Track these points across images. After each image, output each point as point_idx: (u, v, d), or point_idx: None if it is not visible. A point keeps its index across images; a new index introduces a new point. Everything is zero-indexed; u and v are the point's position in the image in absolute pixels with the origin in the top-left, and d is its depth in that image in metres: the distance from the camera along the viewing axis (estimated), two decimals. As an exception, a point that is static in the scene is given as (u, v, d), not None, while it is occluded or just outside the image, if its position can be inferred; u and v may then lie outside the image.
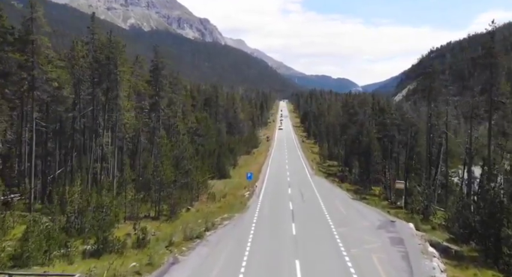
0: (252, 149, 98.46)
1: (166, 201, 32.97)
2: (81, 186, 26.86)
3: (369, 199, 47.60)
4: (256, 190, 43.45)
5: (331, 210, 33.42)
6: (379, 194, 51.46)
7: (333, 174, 72.28)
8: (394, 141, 53.37)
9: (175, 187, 33.74)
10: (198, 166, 41.18)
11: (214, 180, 55.10)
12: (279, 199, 38.88)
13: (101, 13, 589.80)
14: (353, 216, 32.20)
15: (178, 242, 24.93)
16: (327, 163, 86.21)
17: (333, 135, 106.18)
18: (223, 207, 37.53)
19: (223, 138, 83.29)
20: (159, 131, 42.84)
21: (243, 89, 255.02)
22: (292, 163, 71.97)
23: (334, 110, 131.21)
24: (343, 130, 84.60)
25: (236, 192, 44.91)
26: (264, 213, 32.25)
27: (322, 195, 41.89)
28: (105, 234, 22.58)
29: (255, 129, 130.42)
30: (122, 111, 33.48)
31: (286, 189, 44.92)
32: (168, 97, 44.87)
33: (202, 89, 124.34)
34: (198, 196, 40.66)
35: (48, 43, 30.37)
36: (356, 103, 74.42)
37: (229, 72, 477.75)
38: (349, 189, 55.13)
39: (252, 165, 73.33)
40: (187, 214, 34.62)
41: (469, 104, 38.29)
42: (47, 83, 29.80)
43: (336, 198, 41.39)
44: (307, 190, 44.68)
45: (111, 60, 32.49)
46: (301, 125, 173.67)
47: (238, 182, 52.24)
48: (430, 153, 46.34)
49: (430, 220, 38.07)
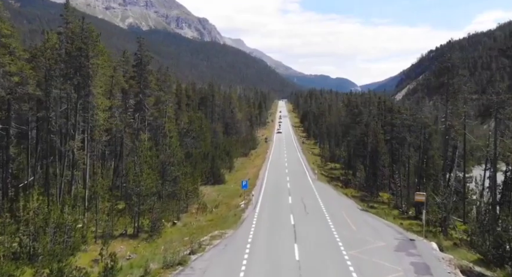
0: (250, 151, 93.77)
1: (147, 215, 28.37)
2: (41, 200, 22.20)
3: (377, 208, 43.07)
4: (253, 199, 38.77)
5: (339, 225, 28.85)
6: (388, 202, 46.87)
7: (336, 178, 67.67)
8: (404, 144, 48.79)
9: (158, 199, 29.16)
10: (187, 172, 36.55)
11: (207, 186, 50.48)
12: (278, 210, 34.26)
13: (99, 12, 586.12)
14: (365, 232, 27.61)
15: (156, 271, 20.36)
16: (329, 165, 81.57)
17: (335, 136, 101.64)
18: (215, 220, 32.93)
19: (219, 139, 78.66)
20: (144, 133, 38.20)
21: (241, 88, 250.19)
22: (292, 167, 67.34)
23: (335, 110, 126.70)
24: (346, 130, 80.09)
25: (230, 202, 40.30)
26: (260, 230, 27.65)
27: (327, 204, 37.31)
28: (61, 264, 17.97)
29: (253, 130, 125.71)
30: (95, 110, 28.79)
31: (286, 197, 40.32)
32: (155, 95, 40.10)
33: (199, 88, 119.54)
34: (187, 207, 36.04)
35: (6, 30, 25.71)
36: (360, 102, 69.69)
37: (228, 71, 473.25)
38: (354, 195, 50.56)
39: (249, 169, 68.69)
40: (172, 230, 30.02)
41: (493, 102, 33.67)
42: (5, 77, 25.15)
43: (343, 209, 36.79)
44: (310, 198, 40.07)
45: (82, 52, 27.86)
46: (300, 125, 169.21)
47: (234, 189, 47.63)
48: (446, 156, 41.84)
49: (450, 235, 33.60)
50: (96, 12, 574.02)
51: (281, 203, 37.58)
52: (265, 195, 41.59)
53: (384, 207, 44.76)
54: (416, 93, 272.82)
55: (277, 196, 41.45)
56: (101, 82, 30.13)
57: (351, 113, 70.63)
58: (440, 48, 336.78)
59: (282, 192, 43.89)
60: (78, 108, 28.46)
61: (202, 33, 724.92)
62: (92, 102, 28.54)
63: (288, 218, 30.90)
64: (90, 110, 28.80)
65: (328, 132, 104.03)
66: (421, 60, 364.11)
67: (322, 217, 31.64)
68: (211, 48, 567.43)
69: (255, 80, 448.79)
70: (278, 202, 38.28)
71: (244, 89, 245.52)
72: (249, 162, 79.52)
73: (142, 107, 37.36)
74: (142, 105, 37.22)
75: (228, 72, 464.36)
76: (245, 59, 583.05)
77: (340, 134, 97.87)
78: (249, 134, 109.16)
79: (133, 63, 37.89)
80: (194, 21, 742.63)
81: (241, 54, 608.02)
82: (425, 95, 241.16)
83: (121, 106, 39.98)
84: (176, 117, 67.90)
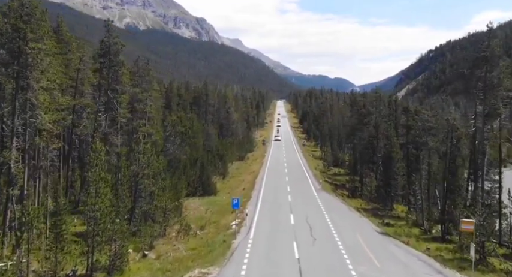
0: (246, 154, 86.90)
1: (105, 248, 21.52)
2: None
3: (395, 226, 36.37)
4: (247, 219, 31.78)
5: (356, 259, 22.06)
6: (406, 217, 40.06)
7: (341, 186, 60.88)
8: (422, 149, 42.00)
9: (128, 222, 22.40)
10: (166, 186, 29.69)
11: (195, 198, 43.69)
12: (278, 236, 27.31)
13: (96, 12, 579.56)
14: (393, 272, 20.82)
15: None
16: (332, 170, 74.75)
17: (338, 138, 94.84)
18: (199, 248, 26.07)
19: (212, 141, 71.70)
20: (117, 139, 31.31)
21: (239, 88, 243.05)
22: (292, 173, 60.48)
23: (337, 110, 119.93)
24: (351, 132, 73.24)
25: (220, 220, 33.42)
26: (254, 268, 20.78)
27: (337, 225, 30.47)
28: None
29: (251, 131, 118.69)
30: (36, 109, 21.86)
31: (288, 215, 33.46)
32: (130, 93, 33.13)
33: (193, 87, 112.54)
34: (166, 229, 29.15)
35: None
36: (367, 101, 62.85)
37: (226, 71, 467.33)
38: (365, 208, 43.81)
39: (245, 175, 61.83)
40: (140, 265, 23.12)
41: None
42: None
43: (357, 230, 29.96)
44: (316, 217, 33.23)
45: (20, 33, 21.05)
46: (299, 126, 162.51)
47: (226, 202, 40.82)
48: (476, 165, 35.19)
49: (491, 264, 26.81)
50: (93, 12, 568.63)
51: (281, 224, 30.70)
52: (262, 212, 34.70)
53: (401, 224, 38.04)
54: (416, 93, 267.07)
55: (276, 213, 34.59)
56: (50, 74, 23.26)
57: (357, 113, 63.68)
58: (440, 48, 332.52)
59: (281, 207, 37.03)
60: (16, 107, 21.63)
61: (200, 33, 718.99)
62: (31, 99, 21.66)
63: (291, 248, 24.03)
64: (30, 110, 21.90)
65: (330, 133, 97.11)
66: (420, 59, 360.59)
67: (335, 247, 24.80)
68: (209, 48, 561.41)
69: (253, 80, 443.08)
70: (277, 222, 31.40)
71: (242, 89, 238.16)
72: (245, 167, 72.69)
73: (111, 107, 30.49)
74: (111, 104, 30.35)
75: (226, 72, 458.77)
76: (243, 59, 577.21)
77: (343, 136, 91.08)
78: (246, 135, 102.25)
79: (99, 52, 30.91)
80: (192, 21, 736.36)
81: (239, 54, 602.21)
82: (425, 95, 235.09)
83: (89, 105, 33.18)
84: (164, 118, 61.09)
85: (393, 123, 55.16)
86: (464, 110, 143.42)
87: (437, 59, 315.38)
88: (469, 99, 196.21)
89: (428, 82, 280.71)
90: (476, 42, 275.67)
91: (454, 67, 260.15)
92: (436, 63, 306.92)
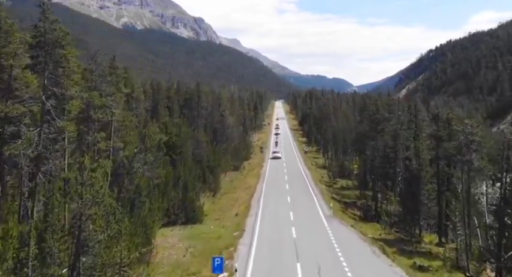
0: (242, 162, 78.24)
1: None
2: None
3: (431, 271, 27.88)
4: (237, 275, 22.96)
5: None
6: (444, 255, 31.33)
7: (352, 204, 52.35)
8: (457, 166, 33.51)
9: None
10: (121, 231, 20.94)
11: (175, 227, 35.00)
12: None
13: (93, 12, 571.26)
14: None
15: None
16: (339, 183, 66.20)
17: (343, 144, 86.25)
18: None
19: (203, 149, 62.74)
20: (55, 162, 22.56)
21: (237, 89, 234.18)
22: (295, 191, 51.64)
23: (341, 113, 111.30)
24: (360, 139, 64.77)
25: (202, 270, 24.62)
26: None
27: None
28: None
29: (247, 135, 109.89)
30: None
31: (294, 265, 24.49)
32: (79, 98, 24.21)
33: (185, 88, 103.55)
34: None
35: None
36: (381, 105, 54.23)
37: (224, 71, 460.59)
38: (386, 239, 35.29)
39: (239, 191, 53.13)
40: None
41: None
42: None
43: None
44: (330, 267, 24.51)
45: None
46: (299, 128, 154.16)
47: (214, 235, 32.18)
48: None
49: None
50: (90, 12, 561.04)
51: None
52: (258, 261, 25.80)
53: (437, 266, 29.41)
54: (416, 93, 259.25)
55: (278, 261, 25.66)
56: None
57: (369, 119, 55.06)
58: (440, 48, 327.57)
59: (284, 249, 28.05)
60: None
61: (198, 33, 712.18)
62: None
63: None
64: None
65: (334, 140, 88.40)
66: (420, 59, 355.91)
67: None
68: (207, 47, 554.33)
69: (251, 80, 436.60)
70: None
71: (239, 90, 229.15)
72: (241, 179, 64.04)
73: (48, 118, 21.71)
74: (47, 113, 21.51)
75: (224, 72, 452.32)
76: (241, 59, 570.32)
77: (348, 141, 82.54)
78: (242, 140, 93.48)
79: (31, 42, 21.95)
80: (190, 21, 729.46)
81: (237, 54, 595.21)
82: (426, 95, 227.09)
83: (26, 115, 24.51)
84: (144, 124, 52.30)
85: (414, 133, 46.64)
86: (468, 111, 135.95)
87: (437, 59, 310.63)
88: (471, 100, 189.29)
89: (429, 82, 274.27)
90: (478, 42, 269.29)
91: (455, 67, 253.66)
92: (436, 63, 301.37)
